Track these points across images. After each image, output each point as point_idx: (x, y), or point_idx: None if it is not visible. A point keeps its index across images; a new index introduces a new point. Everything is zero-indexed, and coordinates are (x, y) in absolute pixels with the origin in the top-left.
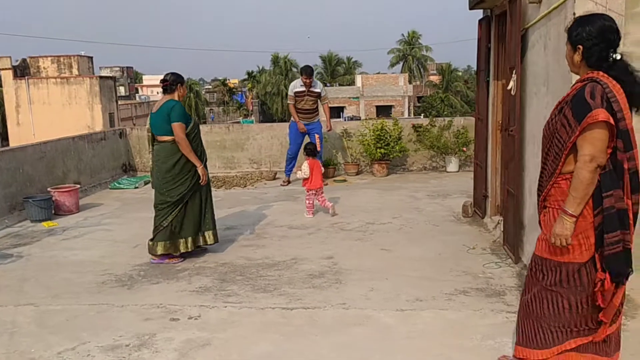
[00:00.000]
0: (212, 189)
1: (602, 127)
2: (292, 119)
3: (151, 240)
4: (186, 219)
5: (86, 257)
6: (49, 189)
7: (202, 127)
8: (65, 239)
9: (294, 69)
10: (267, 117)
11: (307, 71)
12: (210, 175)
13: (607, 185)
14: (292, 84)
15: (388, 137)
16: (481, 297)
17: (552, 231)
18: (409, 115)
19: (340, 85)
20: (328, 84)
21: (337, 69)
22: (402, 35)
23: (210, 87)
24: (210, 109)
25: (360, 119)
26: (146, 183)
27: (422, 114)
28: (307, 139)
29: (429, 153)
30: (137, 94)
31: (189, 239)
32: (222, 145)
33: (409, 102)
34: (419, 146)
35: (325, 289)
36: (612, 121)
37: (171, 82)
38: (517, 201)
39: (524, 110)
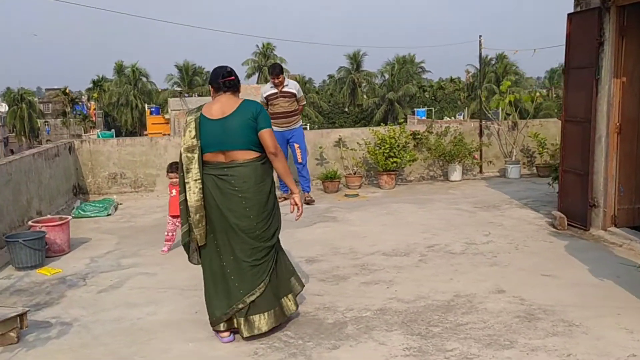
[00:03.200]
0: None
1: None
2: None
3: (246, 313)
4: (280, 268)
5: (172, 316)
6: (30, 223)
7: (160, 140)
8: (101, 291)
9: (144, 78)
10: (112, 129)
11: (274, 70)
12: None
13: None
14: (262, 88)
15: (397, 146)
16: None
17: None
18: None
19: (199, 95)
20: (187, 95)
21: (195, 79)
22: (257, 46)
23: (44, 97)
24: (46, 122)
25: None
26: (116, 208)
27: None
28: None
29: (426, 162)
30: None
31: (290, 296)
32: None
33: None
34: (426, 154)
35: (574, 335)
36: None
37: (237, 78)
38: None
39: None
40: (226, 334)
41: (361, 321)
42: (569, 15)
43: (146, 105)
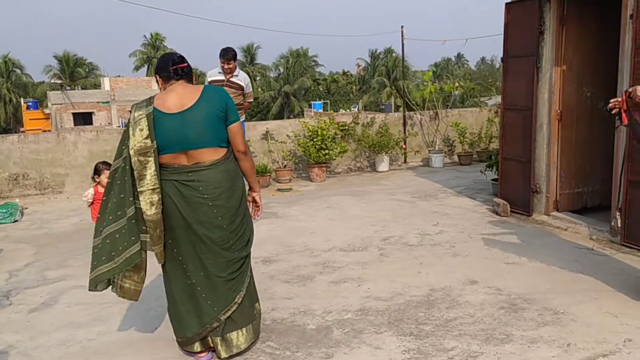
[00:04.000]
0: None
1: None
2: None
3: (222, 331)
4: (253, 277)
5: (129, 335)
6: None
7: (69, 135)
8: (33, 310)
9: (17, 70)
10: None
11: (227, 53)
12: None
13: None
14: (209, 72)
15: (328, 138)
16: None
17: None
18: None
19: (83, 88)
20: (68, 87)
21: (78, 71)
22: (145, 37)
23: None
24: None
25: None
26: (22, 213)
27: None
28: None
29: (353, 154)
30: None
31: (258, 303)
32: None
33: None
34: (354, 146)
35: (564, 324)
36: None
37: (189, 65)
38: None
39: None
40: (204, 354)
41: (345, 324)
42: (507, 4)
43: (22, 100)
